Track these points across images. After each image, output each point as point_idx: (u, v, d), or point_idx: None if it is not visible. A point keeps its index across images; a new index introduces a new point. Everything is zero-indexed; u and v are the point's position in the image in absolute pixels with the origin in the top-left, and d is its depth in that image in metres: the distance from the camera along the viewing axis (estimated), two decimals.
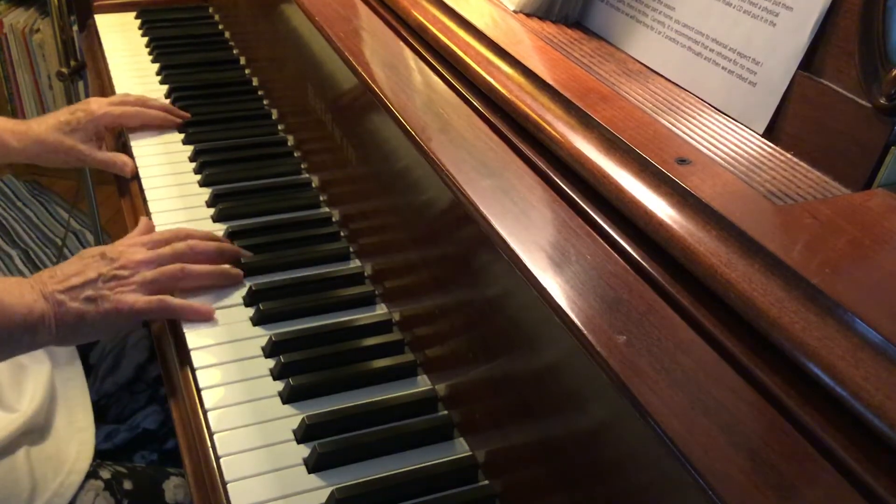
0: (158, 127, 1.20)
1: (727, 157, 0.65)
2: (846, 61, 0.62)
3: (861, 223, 0.55)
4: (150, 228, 0.98)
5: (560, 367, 0.58)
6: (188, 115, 1.22)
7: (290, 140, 1.17)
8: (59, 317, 0.82)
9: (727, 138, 0.67)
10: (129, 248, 0.89)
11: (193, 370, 0.81)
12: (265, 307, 0.87)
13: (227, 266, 0.92)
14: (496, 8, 0.89)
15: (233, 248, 0.94)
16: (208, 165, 1.11)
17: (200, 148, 1.15)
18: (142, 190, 1.09)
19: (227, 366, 0.82)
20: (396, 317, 0.87)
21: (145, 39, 1.46)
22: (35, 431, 0.85)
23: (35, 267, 2.26)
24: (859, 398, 0.44)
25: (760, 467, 0.44)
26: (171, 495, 0.91)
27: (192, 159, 1.14)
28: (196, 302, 0.88)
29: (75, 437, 0.88)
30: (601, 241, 0.60)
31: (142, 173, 1.11)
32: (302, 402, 0.78)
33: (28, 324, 0.80)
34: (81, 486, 0.85)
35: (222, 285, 0.91)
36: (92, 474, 0.87)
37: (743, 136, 0.68)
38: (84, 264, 0.86)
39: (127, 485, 0.88)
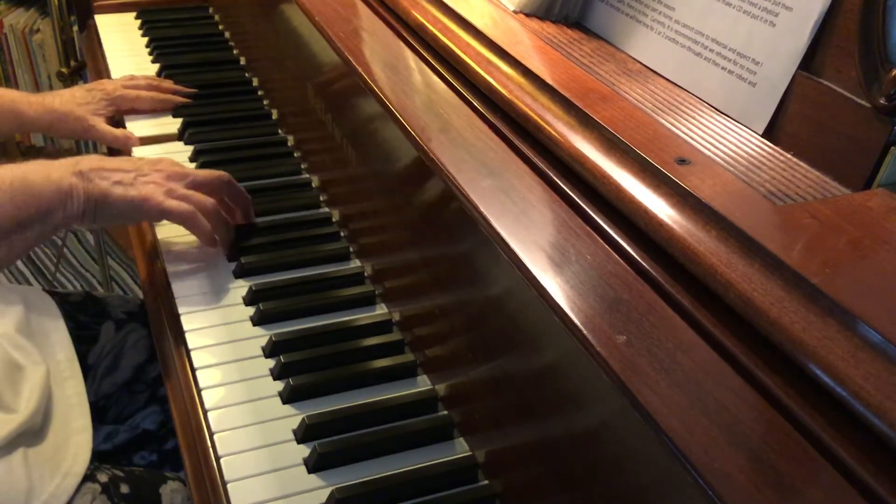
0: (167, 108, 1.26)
1: (727, 157, 0.65)
2: (846, 61, 0.62)
3: (861, 223, 0.55)
4: None
5: (560, 367, 0.58)
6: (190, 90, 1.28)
7: (290, 140, 1.17)
8: (87, 192, 0.84)
9: (727, 138, 0.67)
10: (171, 165, 0.93)
11: (193, 370, 0.81)
12: (265, 307, 0.87)
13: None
14: (496, 8, 0.89)
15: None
16: (208, 166, 1.11)
17: (200, 148, 1.15)
18: None
19: (227, 366, 0.82)
20: (396, 317, 0.87)
21: (145, 39, 1.46)
22: (32, 433, 0.85)
23: (35, 267, 2.25)
24: (859, 398, 0.44)
25: (760, 467, 0.44)
26: (167, 500, 0.90)
27: (192, 159, 1.14)
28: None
29: (72, 439, 0.88)
30: (601, 241, 0.60)
31: None
32: (302, 402, 0.78)
33: (58, 198, 0.83)
34: (78, 489, 0.84)
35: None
36: (89, 477, 0.86)
37: (743, 136, 0.68)
38: (121, 159, 0.90)
39: (124, 488, 0.88)
